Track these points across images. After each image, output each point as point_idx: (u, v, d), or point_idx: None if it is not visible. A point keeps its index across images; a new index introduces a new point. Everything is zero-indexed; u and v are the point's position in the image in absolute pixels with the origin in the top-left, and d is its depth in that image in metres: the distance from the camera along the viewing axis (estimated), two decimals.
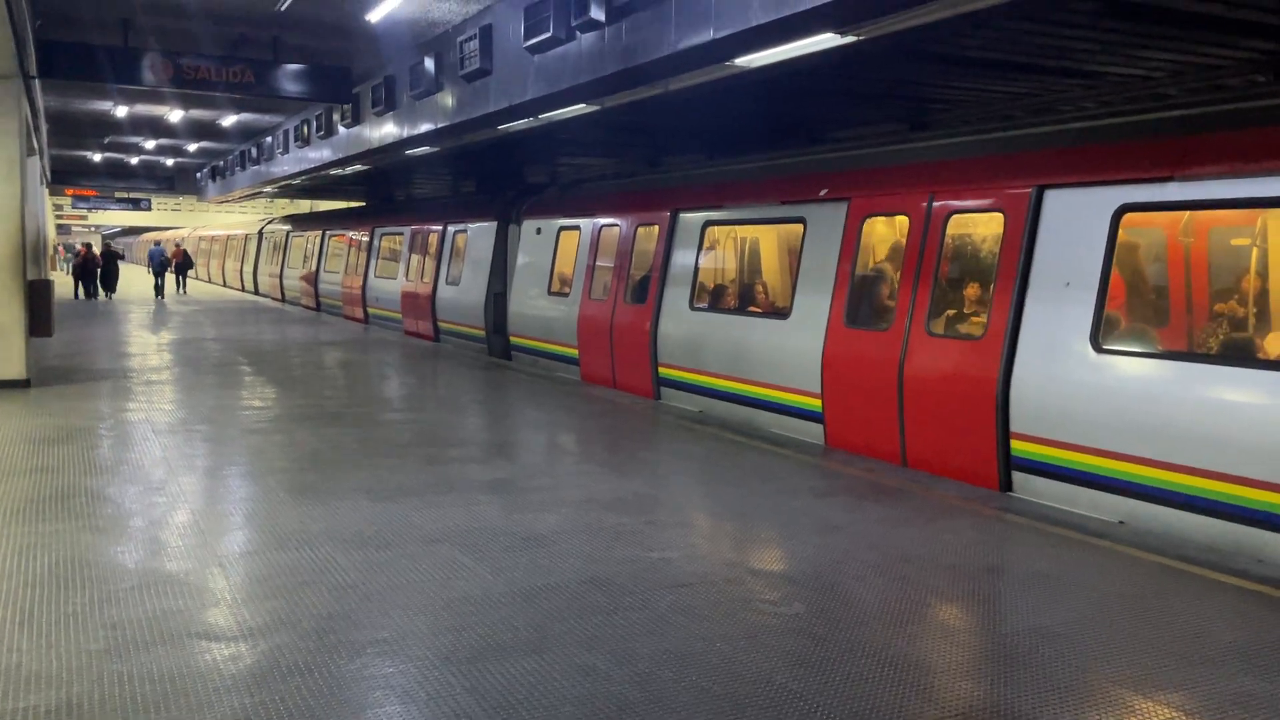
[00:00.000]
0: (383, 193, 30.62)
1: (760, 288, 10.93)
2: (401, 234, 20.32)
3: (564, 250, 13.60)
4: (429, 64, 13.61)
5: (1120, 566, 5.25)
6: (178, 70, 13.44)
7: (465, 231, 17.02)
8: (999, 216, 7.25)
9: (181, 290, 32.05)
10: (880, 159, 8.99)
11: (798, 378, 8.87)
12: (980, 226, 7.87)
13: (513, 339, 14.64)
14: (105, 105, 21.37)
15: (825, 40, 7.65)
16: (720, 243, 11.48)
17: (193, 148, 30.09)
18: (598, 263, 12.70)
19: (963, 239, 8.12)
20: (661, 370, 11.01)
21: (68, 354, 14.17)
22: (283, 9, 12.19)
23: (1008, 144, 7.77)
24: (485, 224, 16.31)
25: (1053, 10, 7.48)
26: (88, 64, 13.06)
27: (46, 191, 31.09)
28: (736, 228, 11.23)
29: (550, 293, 13.61)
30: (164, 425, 8.84)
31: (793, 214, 9.56)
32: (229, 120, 23.21)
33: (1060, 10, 7.56)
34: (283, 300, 29.04)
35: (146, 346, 15.48)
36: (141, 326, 19.35)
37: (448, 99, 13.54)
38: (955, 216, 7.67)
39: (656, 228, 11.61)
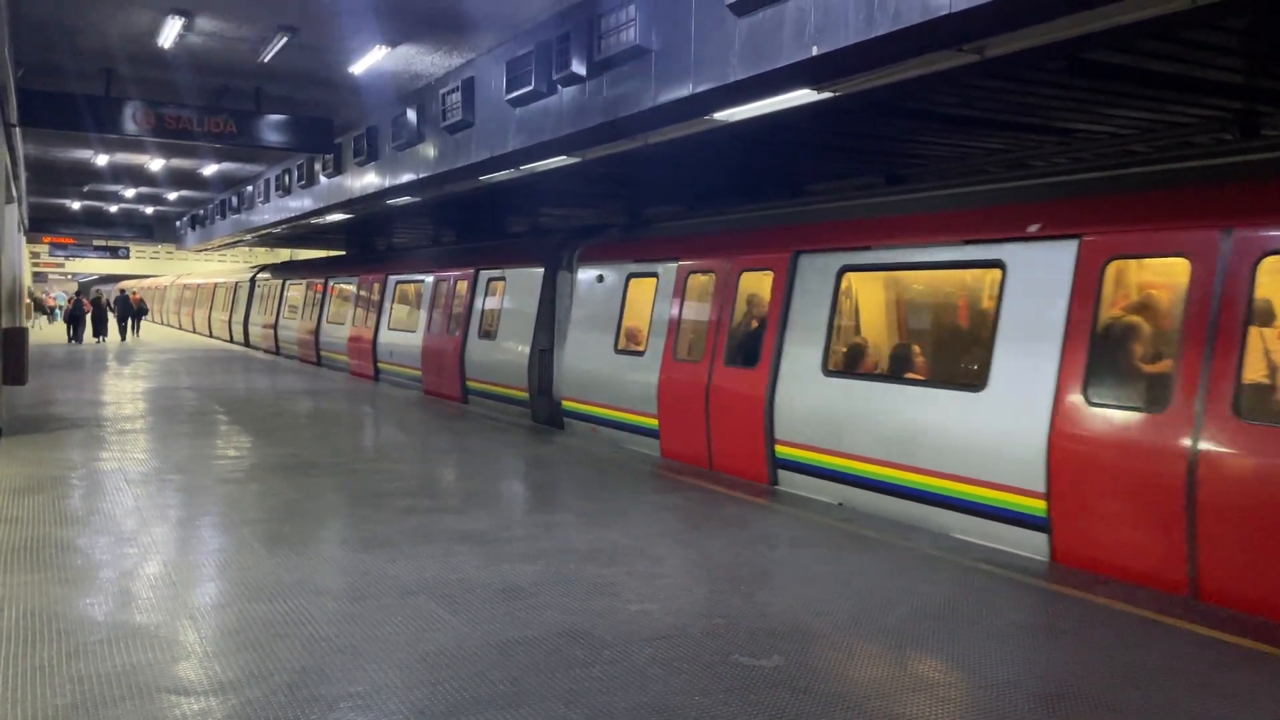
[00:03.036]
0: (391, 238, 28.69)
1: (929, 349, 8.94)
2: (421, 282, 18.09)
3: (635, 301, 11.55)
4: (411, 115, 13.73)
5: (1099, 616, 5.25)
6: (159, 120, 13.50)
7: (503, 279, 14.89)
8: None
9: (135, 334, 34.24)
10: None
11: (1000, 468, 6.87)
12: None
13: (565, 403, 12.48)
14: (86, 154, 21.40)
15: (802, 96, 7.79)
16: (866, 292, 9.57)
17: (173, 196, 30.11)
18: (684, 315, 10.62)
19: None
20: (781, 449, 8.92)
21: (41, 402, 14.02)
22: (266, 60, 12.30)
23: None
24: (528, 270, 14.15)
25: (1022, 69, 7.65)
26: (69, 113, 13.11)
27: (24, 239, 30.96)
28: (888, 273, 9.12)
29: (618, 350, 11.50)
30: (137, 475, 8.73)
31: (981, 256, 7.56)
32: (210, 169, 23.28)
33: (1030, 69, 7.73)
34: (277, 353, 26.94)
35: (121, 395, 15.33)
36: (117, 375, 19.19)
37: (430, 150, 13.65)
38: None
39: (770, 274, 9.46)
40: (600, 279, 12.27)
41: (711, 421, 9.79)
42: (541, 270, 13.74)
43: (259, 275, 31.69)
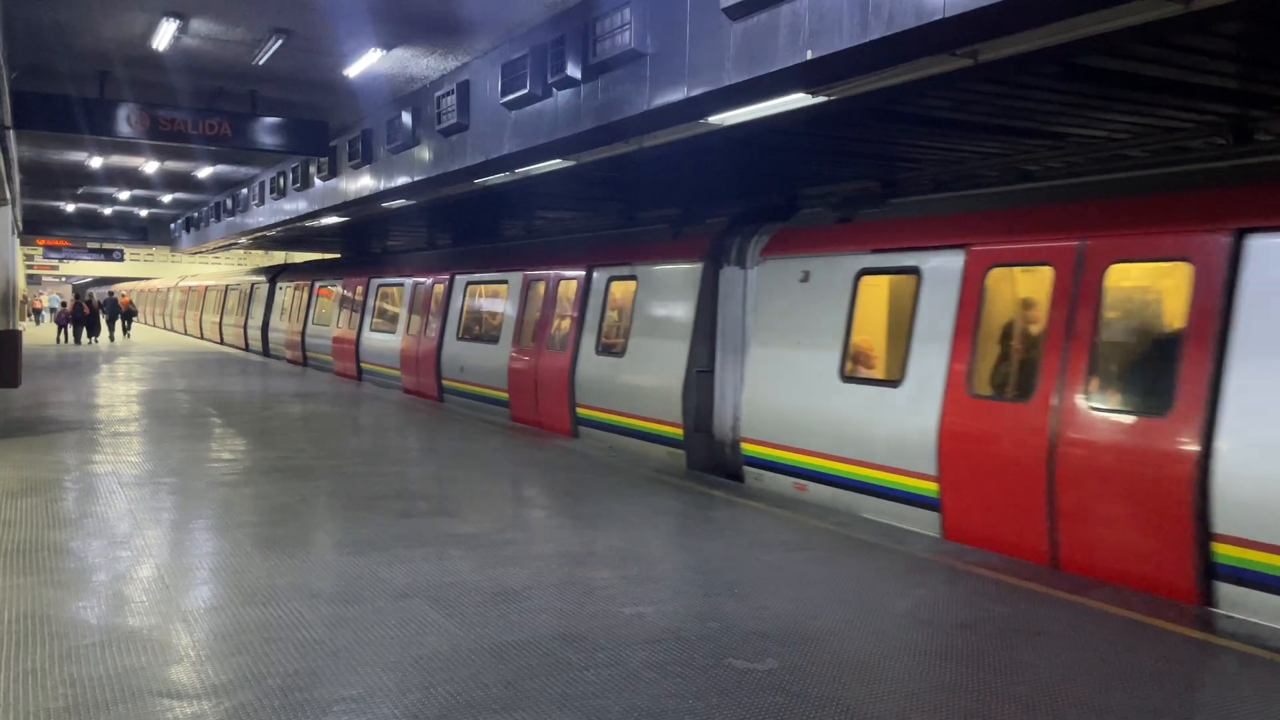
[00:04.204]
0: (457, 227, 24.50)
1: None
2: (503, 283, 14.84)
3: (867, 307, 8.64)
4: (406, 118, 13.73)
5: (1093, 622, 5.26)
6: (154, 122, 13.50)
7: (632, 278, 11.70)
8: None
9: (125, 335, 35.99)
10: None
11: None
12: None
13: (748, 447, 9.33)
14: (80, 156, 21.37)
15: (796, 100, 7.80)
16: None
17: (167, 199, 30.08)
18: (980, 329, 7.32)
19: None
20: (1222, 549, 5.68)
21: (35, 404, 13.99)
22: (261, 63, 12.29)
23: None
24: (675, 265, 11.01)
25: (1016, 73, 7.67)
26: (64, 115, 13.10)
27: (18, 241, 30.93)
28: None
29: (847, 378, 8.41)
30: (130, 478, 8.71)
31: None
32: (204, 172, 23.25)
33: (1023, 73, 7.75)
34: (304, 364, 23.34)
35: (115, 397, 15.30)
36: (111, 377, 19.14)
37: (424, 152, 13.65)
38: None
39: (1189, 269, 6.09)
40: (805, 277, 9.12)
41: (1058, 493, 6.52)
42: (698, 266, 10.53)
43: (281, 276, 27.99)
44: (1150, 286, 6.78)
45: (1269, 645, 4.90)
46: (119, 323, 35.16)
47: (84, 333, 31.69)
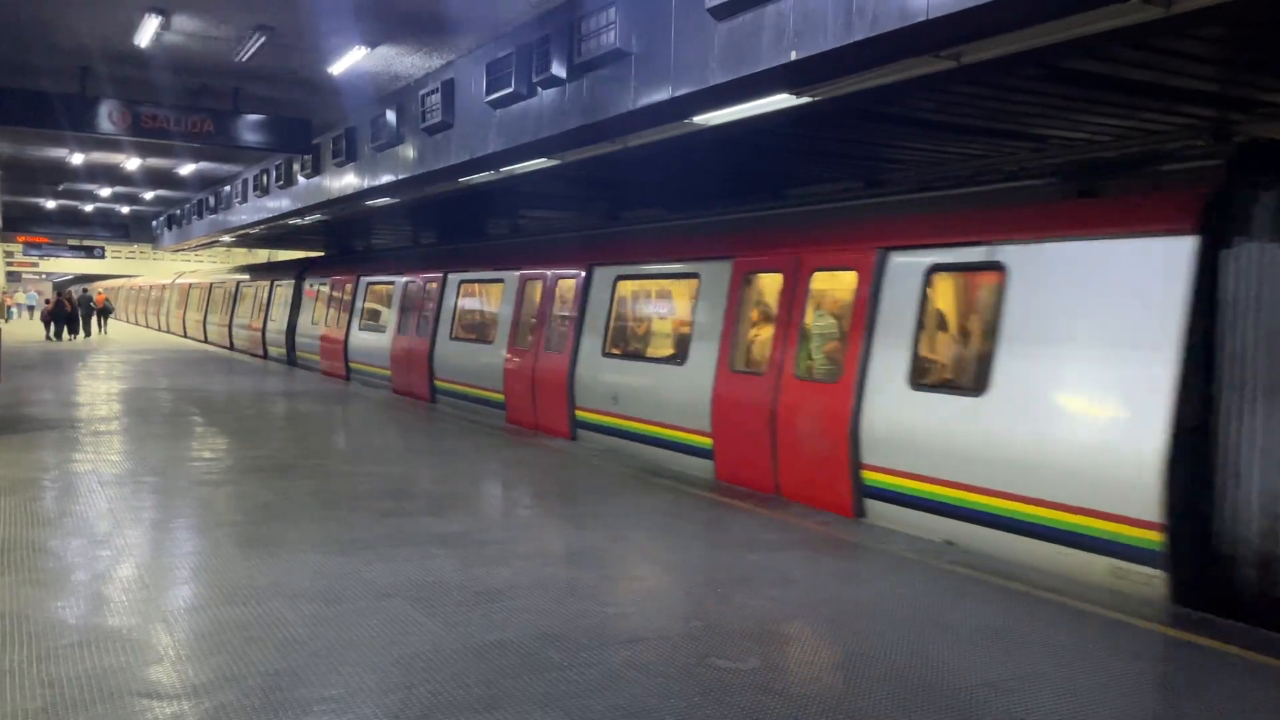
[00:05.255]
0: (441, 226, 22.95)
1: None
2: (695, 276, 10.14)
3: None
4: (390, 116, 13.69)
5: (1067, 619, 5.29)
6: (136, 119, 13.40)
7: (996, 268, 7.11)
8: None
9: (101, 332, 36.21)
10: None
11: None
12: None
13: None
14: (61, 152, 21.20)
15: (781, 100, 7.82)
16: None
17: (149, 196, 29.88)
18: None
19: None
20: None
21: (15, 402, 13.87)
22: (244, 60, 12.23)
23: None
24: (1122, 242, 6.37)
25: (999, 75, 7.72)
26: (44, 111, 12.99)
27: None
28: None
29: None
30: (111, 477, 8.66)
31: None
32: (187, 169, 23.12)
33: (1006, 75, 7.80)
34: (347, 378, 19.45)
35: (96, 395, 15.19)
36: (93, 375, 19.01)
37: (409, 151, 13.61)
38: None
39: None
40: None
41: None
42: (1181, 242, 6.03)
43: (311, 271, 23.49)
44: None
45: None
46: (95, 320, 36.11)
47: (65, 330, 32.42)
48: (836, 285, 8.55)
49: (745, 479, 8.83)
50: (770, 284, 9.12)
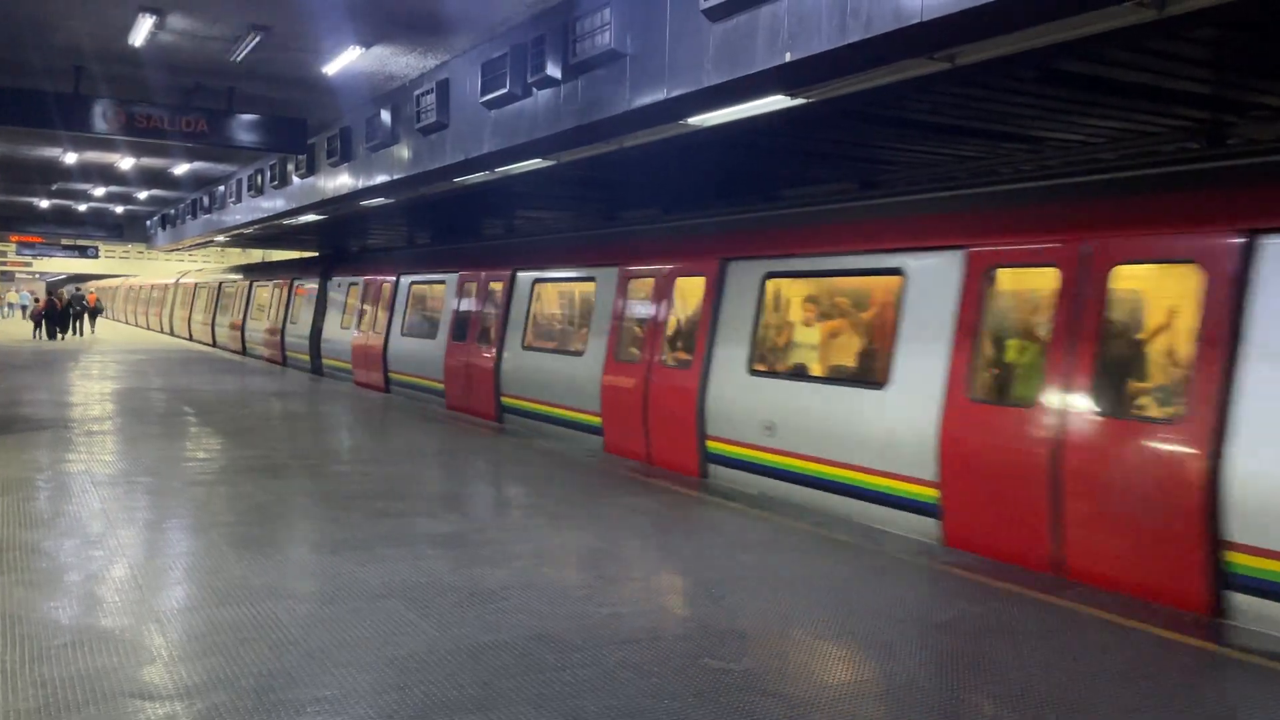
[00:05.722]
0: (437, 226, 21.01)
1: None
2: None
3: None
4: (385, 116, 13.67)
5: (1064, 620, 5.30)
6: (130, 118, 13.36)
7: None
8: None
9: (91, 331, 36.83)
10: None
11: None
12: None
13: None
14: (55, 151, 21.14)
15: (776, 102, 7.83)
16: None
17: (143, 195, 29.79)
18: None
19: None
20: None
21: (8, 402, 13.84)
22: (239, 60, 12.21)
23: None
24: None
25: (993, 77, 7.73)
26: (38, 111, 12.94)
27: None
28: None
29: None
30: (104, 477, 8.64)
31: None
32: (181, 169, 23.06)
33: (1000, 77, 7.82)
34: (386, 389, 17.16)
35: (89, 395, 15.16)
36: (85, 375, 18.96)
37: (404, 151, 13.59)
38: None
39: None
40: None
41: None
42: None
43: (338, 269, 21.21)
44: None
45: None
46: (85, 319, 36.97)
47: (56, 330, 33.14)
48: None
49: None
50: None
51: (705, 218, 11.15)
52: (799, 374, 8.93)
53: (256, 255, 43.19)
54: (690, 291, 10.28)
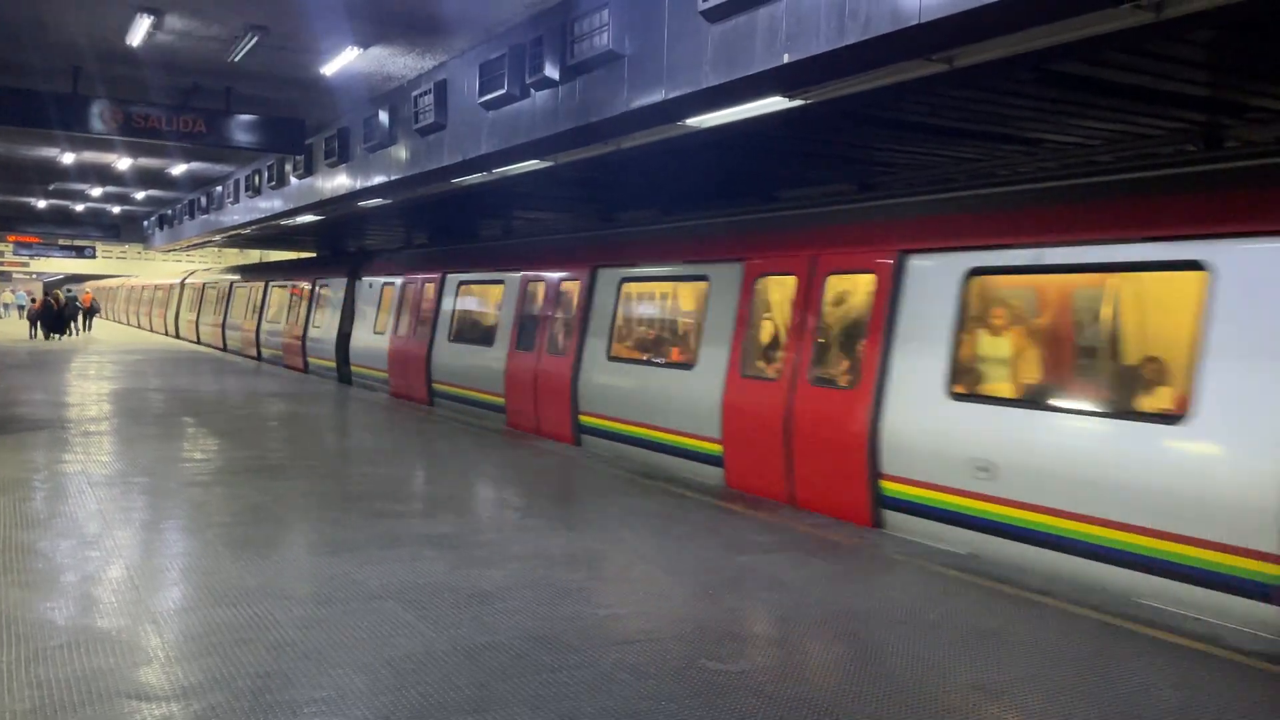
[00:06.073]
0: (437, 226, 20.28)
1: None
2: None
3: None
4: (383, 117, 13.67)
5: (1057, 622, 5.31)
6: (128, 119, 13.35)
7: None
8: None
9: (87, 331, 37.43)
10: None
11: None
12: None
13: None
14: (52, 151, 21.12)
15: (773, 103, 7.83)
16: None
17: (140, 195, 29.78)
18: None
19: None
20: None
21: (3, 403, 13.82)
22: (236, 60, 12.20)
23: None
24: None
25: (991, 79, 7.74)
26: (35, 110, 12.93)
27: None
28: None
29: None
30: (101, 477, 8.62)
31: None
32: (179, 169, 23.05)
33: (998, 79, 7.83)
34: (429, 402, 15.43)
35: (86, 396, 15.14)
36: (83, 375, 18.94)
37: (401, 152, 13.59)
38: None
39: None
40: None
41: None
42: None
43: (367, 268, 19.28)
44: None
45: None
46: (81, 319, 37.31)
47: (51, 330, 33.30)
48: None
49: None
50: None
51: (886, 199, 8.79)
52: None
53: (255, 255, 43.15)
54: (853, 291, 8.58)
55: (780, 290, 9.12)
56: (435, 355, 15.31)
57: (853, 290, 8.49)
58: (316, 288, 21.62)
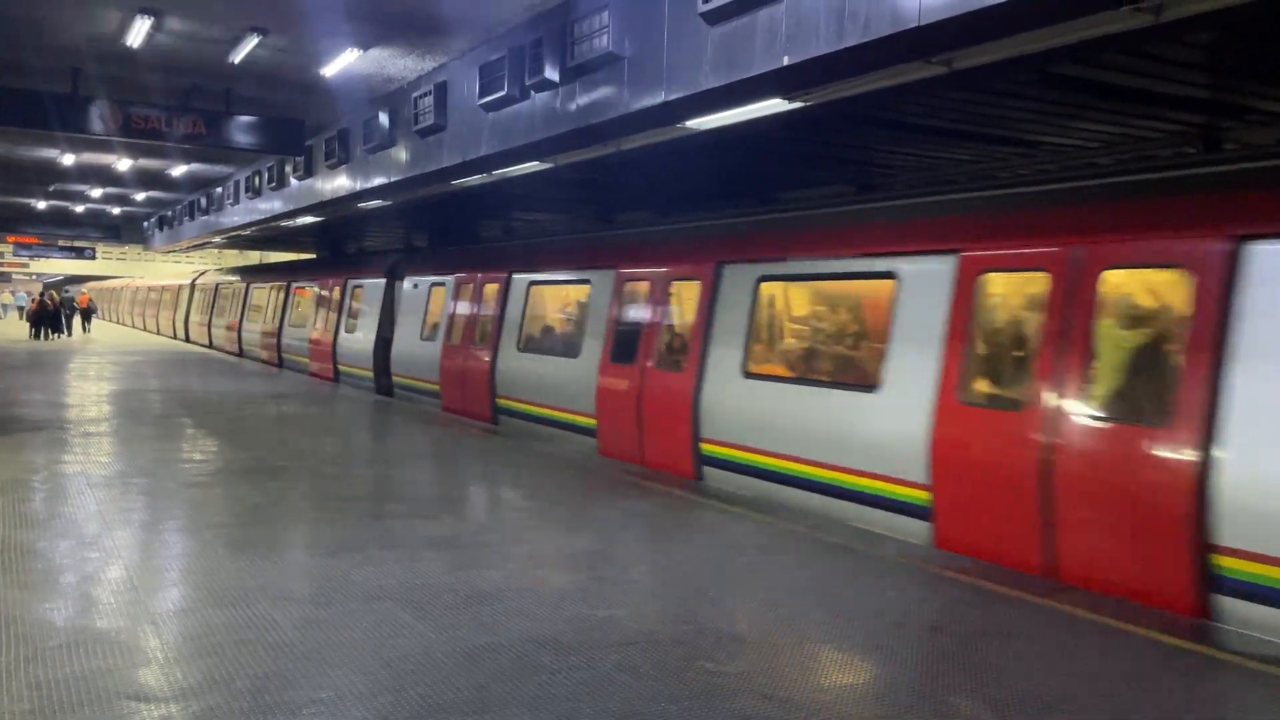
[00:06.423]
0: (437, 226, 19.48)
1: None
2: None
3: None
4: (383, 118, 13.68)
5: (1057, 622, 5.31)
6: (128, 119, 13.36)
7: None
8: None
9: (85, 331, 37.88)
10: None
11: None
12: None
13: None
14: (52, 153, 21.14)
15: (773, 105, 7.84)
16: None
17: (140, 197, 29.79)
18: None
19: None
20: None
21: (2, 403, 13.81)
22: (236, 61, 12.21)
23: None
24: None
25: (990, 81, 7.75)
26: (34, 111, 12.94)
27: None
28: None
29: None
30: (100, 478, 8.62)
31: None
32: (178, 170, 23.06)
33: (997, 81, 7.84)
34: (493, 420, 13.42)
35: (85, 396, 15.14)
36: (82, 376, 18.94)
37: (401, 153, 13.60)
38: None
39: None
40: None
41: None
42: None
43: (410, 266, 17.45)
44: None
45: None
46: (78, 320, 38.23)
47: (48, 330, 33.72)
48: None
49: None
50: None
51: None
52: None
53: (255, 257, 43.16)
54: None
55: (1023, 292, 7.32)
56: (501, 366, 13.35)
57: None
58: (349, 289, 19.68)
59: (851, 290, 9.31)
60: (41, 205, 34.05)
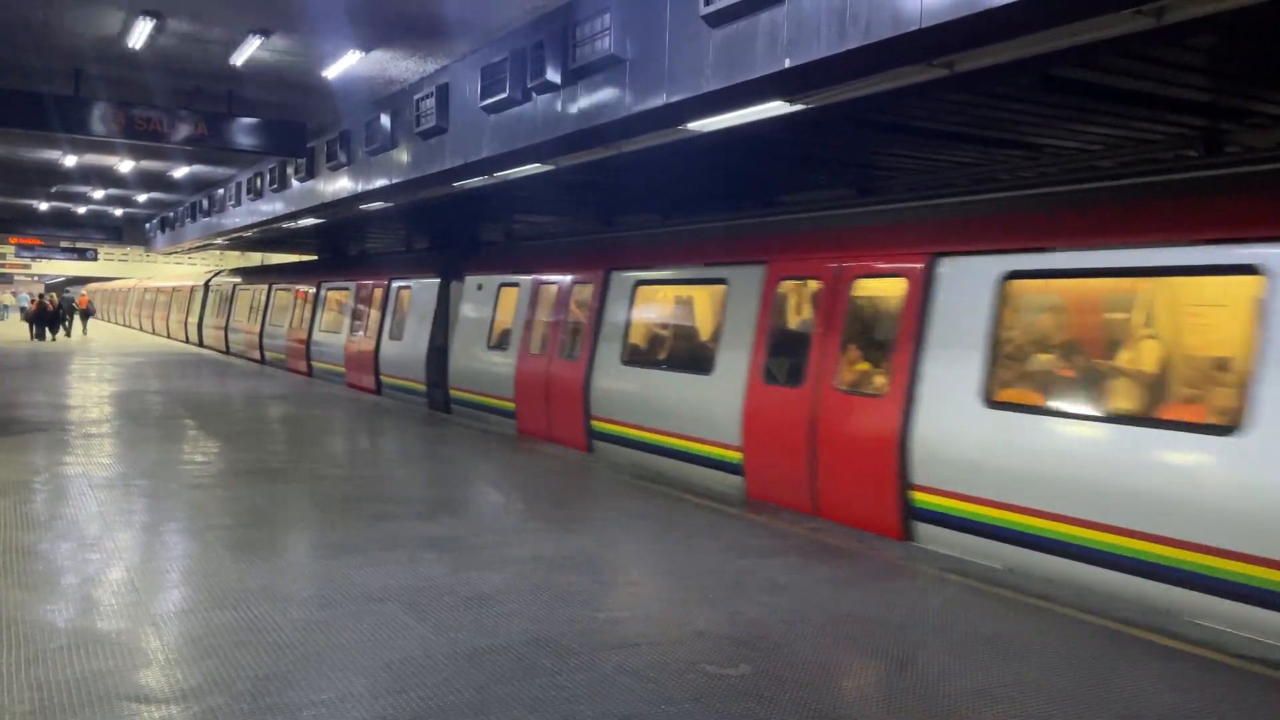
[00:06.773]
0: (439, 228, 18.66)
1: None
2: None
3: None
4: (385, 120, 13.68)
5: (1060, 628, 5.31)
6: (129, 121, 13.36)
7: None
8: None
9: (83, 333, 38.11)
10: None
11: None
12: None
13: None
14: (54, 154, 21.15)
15: (774, 108, 7.84)
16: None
17: (142, 198, 29.81)
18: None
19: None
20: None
21: (4, 404, 13.82)
22: (239, 63, 12.22)
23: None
24: None
25: (991, 84, 7.74)
26: (37, 113, 12.94)
27: None
28: None
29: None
30: (101, 479, 8.63)
31: None
32: (180, 172, 23.07)
33: (999, 84, 7.83)
34: (588, 446, 11.44)
35: (87, 398, 15.15)
36: (83, 377, 18.95)
37: (403, 155, 13.61)
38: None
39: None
40: None
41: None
42: None
43: (472, 266, 15.48)
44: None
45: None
46: (77, 321, 38.94)
47: (46, 330, 34.35)
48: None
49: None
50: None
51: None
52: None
53: (256, 259, 43.22)
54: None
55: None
56: (596, 383, 11.33)
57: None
58: (393, 290, 17.94)
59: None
60: (43, 207, 34.07)
